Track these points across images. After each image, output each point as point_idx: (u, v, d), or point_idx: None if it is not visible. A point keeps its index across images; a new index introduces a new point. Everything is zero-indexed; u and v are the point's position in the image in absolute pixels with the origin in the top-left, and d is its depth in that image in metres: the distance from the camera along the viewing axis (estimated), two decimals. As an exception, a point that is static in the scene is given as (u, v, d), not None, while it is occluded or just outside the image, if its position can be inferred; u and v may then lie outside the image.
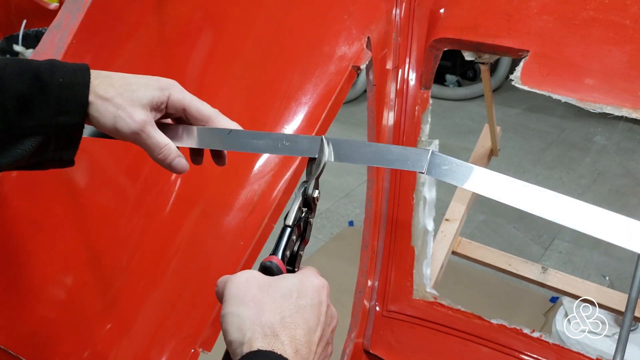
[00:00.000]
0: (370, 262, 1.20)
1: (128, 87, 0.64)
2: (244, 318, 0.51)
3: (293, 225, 0.58)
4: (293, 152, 0.67)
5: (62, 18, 0.85)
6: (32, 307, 0.85)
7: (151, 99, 0.64)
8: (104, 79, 0.64)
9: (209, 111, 0.68)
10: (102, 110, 0.63)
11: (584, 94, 0.96)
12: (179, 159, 0.66)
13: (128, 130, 0.63)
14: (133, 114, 0.63)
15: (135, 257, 0.88)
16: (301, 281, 0.55)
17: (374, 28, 1.03)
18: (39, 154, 0.63)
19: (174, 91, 0.66)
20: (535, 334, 1.11)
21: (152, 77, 0.66)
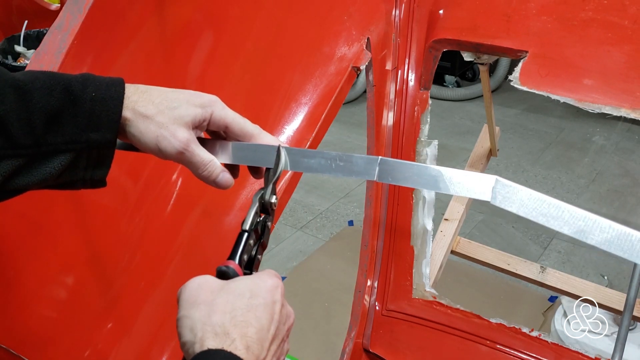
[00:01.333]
0: (369, 261, 1.20)
1: (169, 103, 0.61)
2: (195, 320, 0.52)
3: (250, 229, 0.59)
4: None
5: (64, 19, 0.85)
6: (33, 306, 0.85)
7: (194, 117, 0.62)
8: (142, 94, 0.61)
9: (251, 128, 0.67)
10: (142, 129, 0.60)
11: (583, 95, 0.96)
12: (224, 174, 0.65)
13: (172, 150, 0.61)
14: (176, 133, 0.61)
15: (136, 257, 0.88)
16: (254, 282, 0.55)
17: (374, 29, 1.04)
18: (69, 173, 0.60)
19: (216, 108, 0.64)
20: (534, 333, 1.12)
21: (193, 92, 0.64)
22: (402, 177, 0.63)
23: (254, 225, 0.60)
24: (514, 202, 0.60)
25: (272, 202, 0.62)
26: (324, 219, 2.98)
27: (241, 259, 0.58)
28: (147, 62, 0.95)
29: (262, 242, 0.62)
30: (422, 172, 0.62)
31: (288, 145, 0.91)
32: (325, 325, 2.26)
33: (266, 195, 0.62)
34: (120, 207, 0.90)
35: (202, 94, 0.64)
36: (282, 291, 0.57)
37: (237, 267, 0.57)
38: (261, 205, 0.62)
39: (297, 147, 0.66)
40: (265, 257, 0.64)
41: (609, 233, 0.57)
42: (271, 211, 0.63)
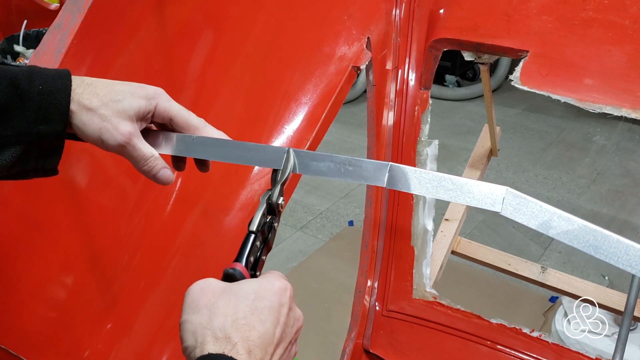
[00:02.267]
0: (370, 261, 1.20)
1: (113, 96, 0.62)
2: (196, 324, 0.51)
3: (257, 231, 0.59)
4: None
5: (63, 18, 0.85)
6: (32, 306, 0.85)
7: (137, 109, 0.62)
8: (87, 86, 0.62)
9: (196, 121, 0.67)
10: (86, 121, 0.61)
11: (584, 94, 0.96)
12: (164, 170, 0.65)
13: (114, 143, 0.61)
14: (119, 126, 0.61)
15: (136, 257, 0.88)
16: (260, 284, 0.54)
17: (374, 28, 1.04)
18: (21, 164, 0.61)
19: (161, 100, 0.64)
20: (534, 333, 1.12)
21: (138, 85, 0.64)
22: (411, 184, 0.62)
23: (260, 227, 0.59)
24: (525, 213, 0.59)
25: (280, 203, 0.62)
26: (324, 219, 2.98)
27: (247, 261, 0.57)
28: (146, 61, 0.95)
29: (267, 243, 0.61)
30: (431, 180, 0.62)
31: (289, 145, 0.91)
32: (325, 326, 2.26)
33: (274, 196, 0.61)
34: (120, 207, 0.90)
35: (146, 86, 0.64)
36: (290, 294, 0.56)
37: (244, 269, 0.56)
38: (268, 206, 0.61)
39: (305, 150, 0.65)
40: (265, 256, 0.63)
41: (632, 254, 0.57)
42: (277, 212, 0.62)
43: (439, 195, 0.62)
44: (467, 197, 0.61)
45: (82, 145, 0.66)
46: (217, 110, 0.96)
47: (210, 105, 0.96)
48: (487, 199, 0.61)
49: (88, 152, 0.87)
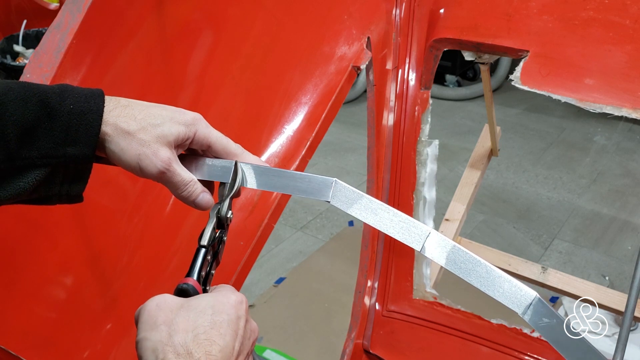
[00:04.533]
0: (370, 262, 1.20)
1: (152, 120, 0.59)
2: (156, 341, 0.50)
3: (208, 245, 0.58)
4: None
5: (63, 18, 0.85)
6: (32, 307, 0.85)
7: (177, 136, 0.60)
8: (124, 108, 0.59)
9: (234, 147, 0.65)
10: (124, 146, 0.58)
11: (584, 94, 0.96)
12: (204, 195, 0.63)
13: (154, 170, 0.59)
14: (159, 152, 0.58)
15: (136, 257, 0.88)
16: (216, 298, 0.54)
17: (374, 28, 1.03)
18: (44, 188, 0.58)
19: (200, 127, 0.62)
20: (535, 333, 1.11)
21: (176, 109, 0.62)
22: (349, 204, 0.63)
23: (211, 241, 0.59)
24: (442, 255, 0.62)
25: (229, 217, 0.62)
26: (324, 219, 2.98)
27: (199, 275, 0.57)
28: (146, 61, 0.95)
29: (217, 257, 0.61)
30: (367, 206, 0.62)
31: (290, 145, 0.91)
32: (326, 326, 2.26)
33: (223, 210, 0.61)
34: (119, 207, 0.90)
35: (186, 111, 0.62)
36: (246, 306, 0.56)
37: (197, 283, 0.56)
38: (217, 220, 0.61)
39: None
40: (265, 257, 0.63)
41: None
42: (226, 226, 0.62)
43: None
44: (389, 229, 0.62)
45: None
46: (217, 110, 0.96)
47: (210, 105, 0.96)
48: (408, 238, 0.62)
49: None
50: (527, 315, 0.59)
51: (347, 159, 3.50)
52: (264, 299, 2.40)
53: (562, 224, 2.87)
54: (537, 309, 0.59)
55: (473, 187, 1.64)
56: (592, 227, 2.85)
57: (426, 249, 0.61)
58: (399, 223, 0.61)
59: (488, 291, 0.60)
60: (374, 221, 0.61)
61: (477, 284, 0.60)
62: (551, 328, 0.59)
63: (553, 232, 2.81)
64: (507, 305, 0.60)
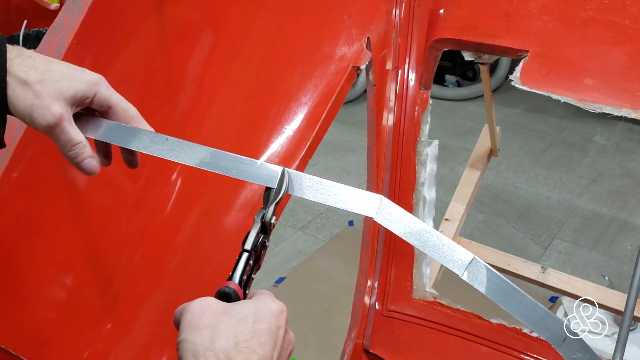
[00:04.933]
0: (370, 261, 1.20)
1: (52, 75, 0.58)
2: (198, 344, 0.50)
3: (251, 249, 0.59)
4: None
5: (63, 18, 0.85)
6: (32, 307, 0.85)
7: (75, 93, 0.60)
8: (26, 59, 0.58)
9: (134, 113, 0.65)
10: (19, 94, 0.57)
11: (584, 94, 0.96)
12: (90, 160, 0.62)
13: (43, 122, 0.58)
14: (51, 106, 0.58)
15: (136, 257, 0.88)
16: (257, 306, 0.54)
17: (374, 28, 1.04)
18: None
19: (101, 88, 0.62)
20: (534, 333, 1.11)
21: (79, 68, 0.61)
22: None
23: (255, 246, 0.59)
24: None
25: (272, 222, 0.62)
26: (324, 219, 2.98)
27: (241, 279, 0.57)
28: (146, 61, 0.95)
29: (258, 262, 0.61)
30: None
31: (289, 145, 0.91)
32: (325, 326, 2.26)
33: (267, 215, 0.61)
34: (119, 207, 0.90)
35: (88, 71, 0.62)
36: (286, 316, 0.56)
37: (238, 287, 0.57)
38: (262, 225, 0.61)
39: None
40: (265, 257, 0.64)
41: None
42: (269, 231, 0.62)
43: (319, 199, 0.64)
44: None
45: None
46: (217, 110, 0.96)
47: (210, 105, 0.96)
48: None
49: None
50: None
51: (347, 159, 3.50)
52: (263, 299, 2.40)
53: (561, 224, 2.87)
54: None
55: (473, 187, 1.64)
56: (592, 227, 2.85)
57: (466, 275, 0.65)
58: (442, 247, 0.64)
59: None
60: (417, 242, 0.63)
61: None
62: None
63: (553, 232, 2.81)
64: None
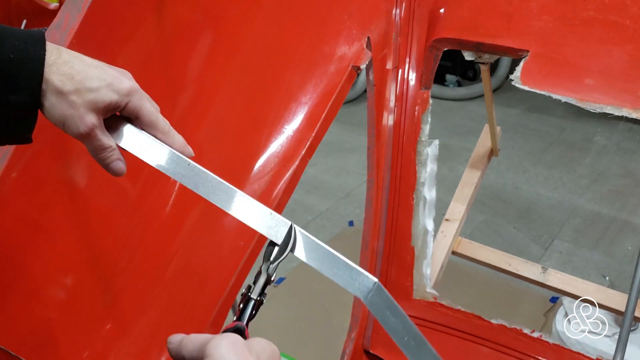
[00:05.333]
0: (370, 262, 1.20)
1: (89, 83, 0.59)
2: None
3: (257, 298, 0.62)
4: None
5: (62, 18, 0.85)
6: (32, 307, 0.85)
7: (109, 103, 0.61)
8: (63, 64, 0.59)
9: (162, 125, 0.65)
10: (54, 103, 0.59)
11: (584, 94, 0.96)
12: (117, 162, 0.64)
13: (76, 131, 0.60)
14: (85, 117, 0.59)
15: (135, 257, 0.88)
16: (271, 347, 0.56)
17: (374, 28, 1.03)
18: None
19: (134, 99, 0.63)
20: (535, 334, 1.11)
21: (116, 75, 0.62)
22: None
23: (260, 295, 0.63)
24: None
25: (272, 278, 0.65)
26: (324, 219, 2.98)
27: (247, 324, 0.61)
28: (146, 61, 0.95)
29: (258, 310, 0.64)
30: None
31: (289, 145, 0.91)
32: (325, 326, 2.25)
33: (271, 270, 0.64)
34: (119, 207, 0.90)
35: (125, 79, 0.63)
36: None
37: (246, 329, 0.60)
38: (268, 277, 0.64)
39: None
40: None
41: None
42: (270, 281, 0.65)
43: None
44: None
45: (82, 145, 0.66)
46: (217, 110, 0.96)
47: (210, 105, 0.96)
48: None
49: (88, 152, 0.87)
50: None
51: (347, 159, 3.50)
52: (264, 299, 2.40)
53: (562, 224, 2.86)
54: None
55: (473, 187, 1.64)
56: (593, 227, 2.85)
57: None
58: None
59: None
60: None
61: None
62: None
63: (553, 232, 2.81)
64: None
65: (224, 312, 0.85)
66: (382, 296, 0.64)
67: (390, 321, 0.65)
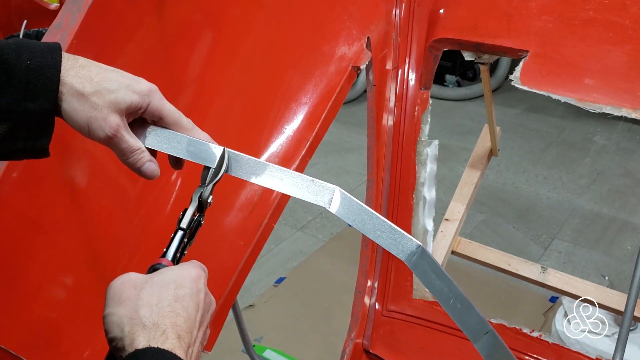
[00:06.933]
0: (370, 261, 1.20)
1: (108, 84, 0.60)
2: (121, 316, 0.52)
3: (187, 228, 0.61)
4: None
5: (63, 18, 0.85)
6: (32, 307, 0.85)
7: (130, 104, 0.61)
8: (81, 68, 0.59)
9: (186, 122, 0.66)
10: (76, 107, 0.59)
11: (584, 94, 0.96)
12: (150, 164, 0.64)
13: (102, 134, 0.60)
14: (108, 117, 0.59)
15: (136, 257, 0.88)
16: (178, 273, 0.57)
17: (374, 28, 1.04)
18: (8, 143, 0.59)
19: (154, 99, 0.63)
20: (534, 333, 1.12)
21: (134, 77, 0.63)
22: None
23: (191, 224, 0.62)
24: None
25: (209, 201, 0.63)
26: (324, 219, 2.98)
27: (174, 256, 0.60)
28: (146, 61, 0.95)
29: (192, 239, 0.64)
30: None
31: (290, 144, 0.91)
32: (325, 326, 2.26)
33: (204, 194, 0.63)
34: (120, 207, 0.90)
35: (142, 80, 0.63)
36: (205, 280, 0.59)
37: (170, 263, 0.59)
38: (199, 204, 0.63)
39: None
40: (265, 257, 0.65)
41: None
42: (205, 209, 0.64)
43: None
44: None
45: (83, 145, 0.66)
46: (217, 110, 0.96)
47: (210, 105, 0.96)
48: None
49: (88, 152, 0.87)
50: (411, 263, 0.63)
51: (347, 159, 3.50)
52: (264, 298, 2.40)
53: (561, 223, 2.87)
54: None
55: (473, 187, 1.64)
56: (592, 227, 2.85)
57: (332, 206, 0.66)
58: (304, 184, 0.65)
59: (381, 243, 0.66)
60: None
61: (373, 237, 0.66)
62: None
63: (553, 232, 2.81)
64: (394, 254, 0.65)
65: (225, 312, 0.85)
66: (427, 259, 0.64)
67: (435, 284, 0.64)
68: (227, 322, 0.87)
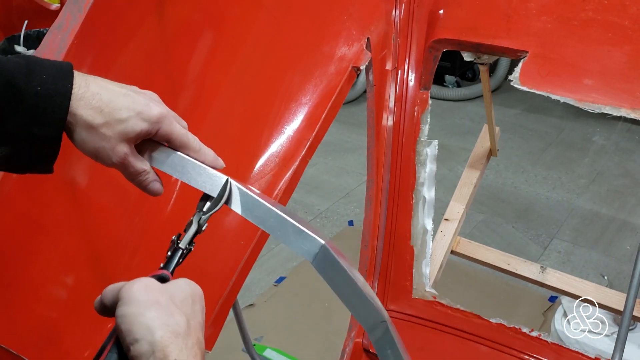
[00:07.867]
0: (370, 261, 1.20)
1: (118, 114, 0.59)
2: (152, 318, 0.50)
3: (185, 247, 0.62)
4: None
5: (64, 19, 0.85)
6: (33, 306, 0.85)
7: (139, 132, 0.61)
8: (92, 97, 0.59)
9: (194, 145, 0.66)
10: (85, 138, 0.59)
11: (583, 95, 0.96)
12: (154, 184, 0.65)
13: (109, 162, 0.61)
14: (116, 148, 0.60)
15: (136, 257, 0.88)
16: (192, 288, 0.56)
17: (374, 29, 1.04)
18: (12, 163, 0.59)
19: (164, 125, 0.63)
20: (534, 333, 1.12)
21: (145, 102, 0.62)
22: None
23: (189, 244, 0.63)
24: None
25: (203, 229, 0.65)
26: (324, 219, 2.98)
27: (173, 272, 0.61)
28: (146, 61, 0.95)
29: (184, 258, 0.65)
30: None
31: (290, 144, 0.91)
32: (325, 325, 2.26)
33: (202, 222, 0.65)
34: (120, 207, 0.90)
35: (154, 106, 0.62)
36: None
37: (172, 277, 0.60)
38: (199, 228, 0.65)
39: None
40: (265, 257, 0.65)
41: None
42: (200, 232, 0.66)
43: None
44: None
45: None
46: (217, 110, 0.96)
47: (210, 105, 0.96)
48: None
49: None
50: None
51: (347, 159, 3.50)
52: (264, 298, 2.40)
53: (561, 223, 2.87)
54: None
55: (472, 187, 1.64)
56: (591, 227, 2.85)
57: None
58: None
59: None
60: None
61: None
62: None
63: (552, 231, 2.81)
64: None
65: (224, 312, 0.86)
66: (329, 259, 0.65)
67: (338, 284, 0.67)
68: (228, 321, 0.87)
